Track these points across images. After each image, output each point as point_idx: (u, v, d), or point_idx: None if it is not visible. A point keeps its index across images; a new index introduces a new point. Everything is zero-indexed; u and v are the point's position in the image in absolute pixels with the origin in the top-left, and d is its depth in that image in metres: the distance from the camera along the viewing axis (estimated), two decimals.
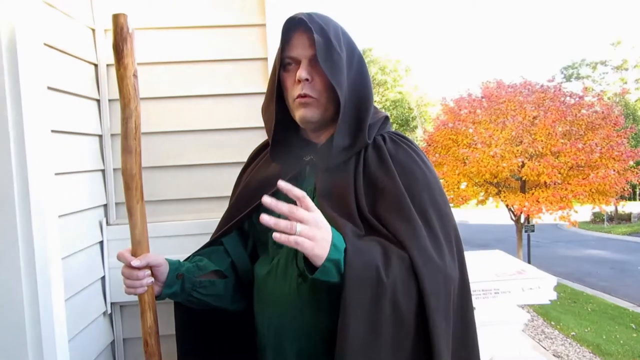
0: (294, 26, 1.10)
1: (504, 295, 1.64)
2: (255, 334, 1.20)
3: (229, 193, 1.39)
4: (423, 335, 0.97)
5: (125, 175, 1.08)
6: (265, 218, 0.88)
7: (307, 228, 0.89)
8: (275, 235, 0.88)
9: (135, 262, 1.06)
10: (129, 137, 1.07)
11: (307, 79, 1.08)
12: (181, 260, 1.20)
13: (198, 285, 1.16)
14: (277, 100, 1.14)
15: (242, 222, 1.24)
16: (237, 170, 1.38)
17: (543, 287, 1.64)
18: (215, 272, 1.22)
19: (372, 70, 27.04)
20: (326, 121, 1.14)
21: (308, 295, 1.05)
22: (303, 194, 0.91)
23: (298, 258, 1.08)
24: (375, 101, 1.19)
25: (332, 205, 1.08)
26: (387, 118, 1.21)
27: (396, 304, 0.96)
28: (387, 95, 28.52)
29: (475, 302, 1.67)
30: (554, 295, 1.65)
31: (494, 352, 1.70)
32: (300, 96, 1.10)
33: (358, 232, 1.04)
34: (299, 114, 1.12)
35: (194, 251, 1.28)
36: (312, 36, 1.06)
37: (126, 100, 1.06)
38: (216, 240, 1.27)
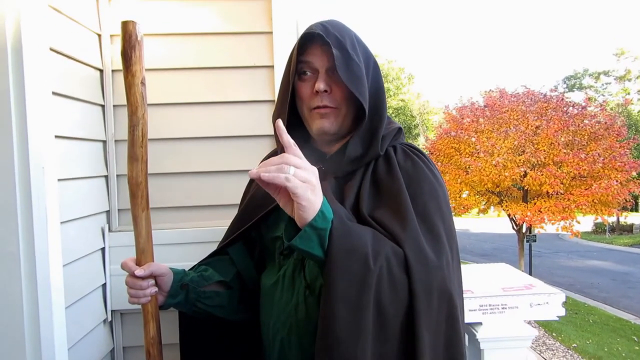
0: (310, 39, 1.09)
1: (512, 310, 1.61)
2: (261, 344, 1.18)
3: (235, 201, 1.37)
4: (408, 341, 0.92)
5: (131, 184, 1.07)
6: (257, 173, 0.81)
7: (302, 171, 0.84)
8: (263, 175, 0.82)
9: (139, 272, 1.05)
10: (135, 145, 1.06)
11: (325, 91, 1.07)
12: (186, 269, 1.19)
13: (202, 296, 1.15)
14: (289, 109, 1.12)
15: (249, 231, 1.23)
16: (244, 178, 1.36)
17: (552, 302, 1.61)
18: (220, 283, 1.21)
19: None
20: (343, 133, 1.12)
21: (315, 307, 1.02)
22: (292, 142, 0.85)
23: (305, 269, 1.07)
24: None
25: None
26: (400, 129, 1.19)
27: (381, 298, 0.90)
28: (389, 103, 28.58)
29: (481, 317, 1.65)
30: (562, 312, 1.62)
31: None
32: (319, 107, 1.08)
33: (351, 217, 1.01)
34: (316, 125, 1.10)
35: (199, 259, 1.26)
36: (329, 48, 1.04)
37: (133, 107, 1.05)
38: (222, 250, 1.26)
